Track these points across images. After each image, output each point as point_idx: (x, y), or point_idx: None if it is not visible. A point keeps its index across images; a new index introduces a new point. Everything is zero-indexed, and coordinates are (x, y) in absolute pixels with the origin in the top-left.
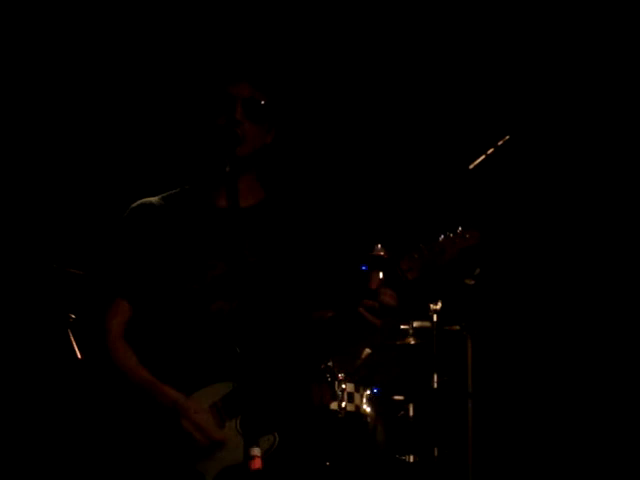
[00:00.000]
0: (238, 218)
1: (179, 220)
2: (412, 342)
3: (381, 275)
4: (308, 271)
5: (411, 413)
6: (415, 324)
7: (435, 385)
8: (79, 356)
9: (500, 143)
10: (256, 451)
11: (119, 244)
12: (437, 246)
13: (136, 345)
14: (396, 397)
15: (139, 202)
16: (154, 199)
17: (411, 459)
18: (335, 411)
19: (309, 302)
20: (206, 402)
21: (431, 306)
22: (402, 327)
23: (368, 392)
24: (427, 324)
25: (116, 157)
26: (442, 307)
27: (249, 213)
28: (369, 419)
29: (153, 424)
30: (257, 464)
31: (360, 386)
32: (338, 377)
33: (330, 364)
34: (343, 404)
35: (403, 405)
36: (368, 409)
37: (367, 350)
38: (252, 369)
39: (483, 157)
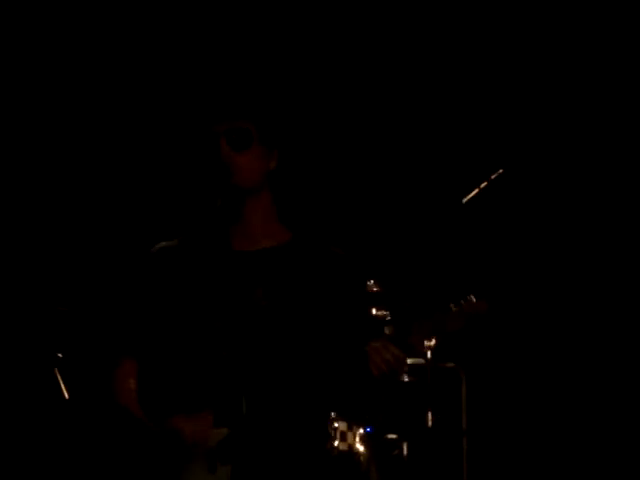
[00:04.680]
0: (248, 259)
1: (195, 264)
2: (406, 379)
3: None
4: (326, 322)
5: (405, 452)
6: (409, 361)
7: (429, 423)
8: (66, 396)
9: (494, 177)
10: None
11: (127, 297)
12: (449, 312)
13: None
14: (390, 436)
15: (155, 247)
16: (168, 243)
17: None
18: (327, 450)
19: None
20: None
21: (425, 342)
22: None
23: (361, 431)
24: (421, 361)
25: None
26: (436, 344)
27: (270, 254)
28: (362, 458)
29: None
30: None
31: (353, 424)
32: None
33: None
34: (335, 443)
35: (397, 444)
36: (361, 448)
37: None
38: (257, 418)
39: (477, 191)
